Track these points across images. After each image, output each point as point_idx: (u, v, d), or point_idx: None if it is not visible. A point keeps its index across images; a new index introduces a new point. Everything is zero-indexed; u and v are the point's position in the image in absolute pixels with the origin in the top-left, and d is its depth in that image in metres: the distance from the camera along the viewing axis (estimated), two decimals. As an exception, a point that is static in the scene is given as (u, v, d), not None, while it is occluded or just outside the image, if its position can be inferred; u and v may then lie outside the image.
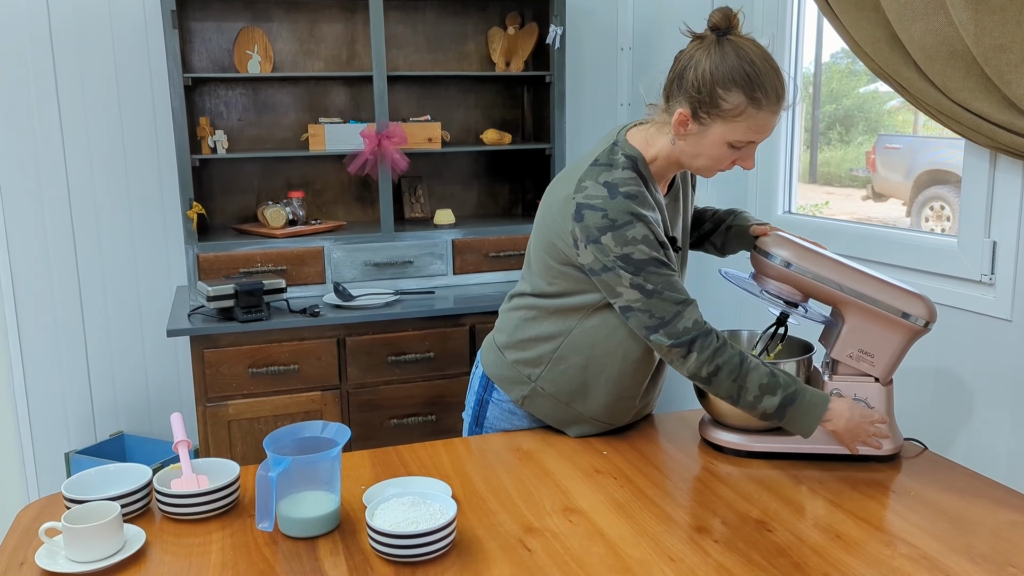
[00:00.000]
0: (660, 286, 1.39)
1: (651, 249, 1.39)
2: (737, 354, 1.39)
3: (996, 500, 1.33)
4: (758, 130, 1.36)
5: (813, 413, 1.40)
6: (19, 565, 1.19)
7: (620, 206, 1.38)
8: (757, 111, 1.33)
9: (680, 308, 1.40)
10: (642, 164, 1.45)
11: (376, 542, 1.16)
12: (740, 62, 1.33)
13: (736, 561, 1.16)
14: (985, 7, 1.53)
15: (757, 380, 1.38)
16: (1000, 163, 1.68)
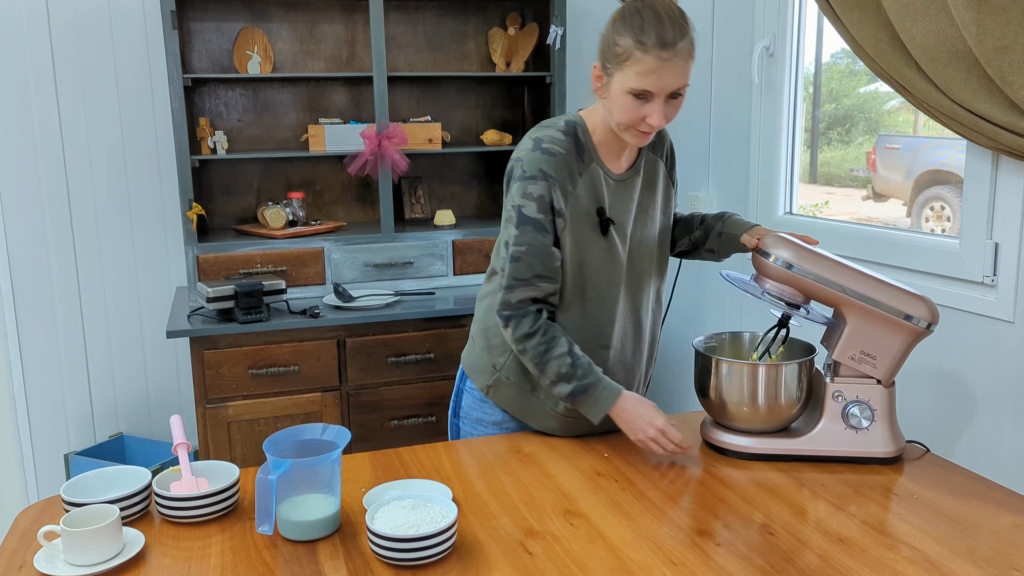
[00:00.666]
0: (524, 251, 1.46)
1: (540, 211, 1.45)
2: (545, 343, 1.47)
3: (998, 503, 1.33)
4: (647, 75, 1.36)
5: (600, 406, 1.48)
6: (18, 568, 1.18)
7: (534, 159, 1.45)
8: (643, 54, 1.35)
9: (519, 283, 1.47)
10: (582, 131, 1.50)
11: (376, 546, 1.16)
12: (634, 10, 1.38)
13: (739, 565, 1.15)
14: (987, 8, 1.53)
15: (555, 369, 1.47)
16: (1002, 164, 1.68)
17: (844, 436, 1.48)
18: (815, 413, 1.52)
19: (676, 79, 1.37)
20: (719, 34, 2.57)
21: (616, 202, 1.53)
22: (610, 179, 1.52)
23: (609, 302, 1.55)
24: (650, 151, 1.60)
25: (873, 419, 1.47)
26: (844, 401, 1.48)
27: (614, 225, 1.52)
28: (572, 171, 1.48)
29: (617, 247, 1.53)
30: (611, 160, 1.53)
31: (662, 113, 1.39)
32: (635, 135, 1.44)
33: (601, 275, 1.53)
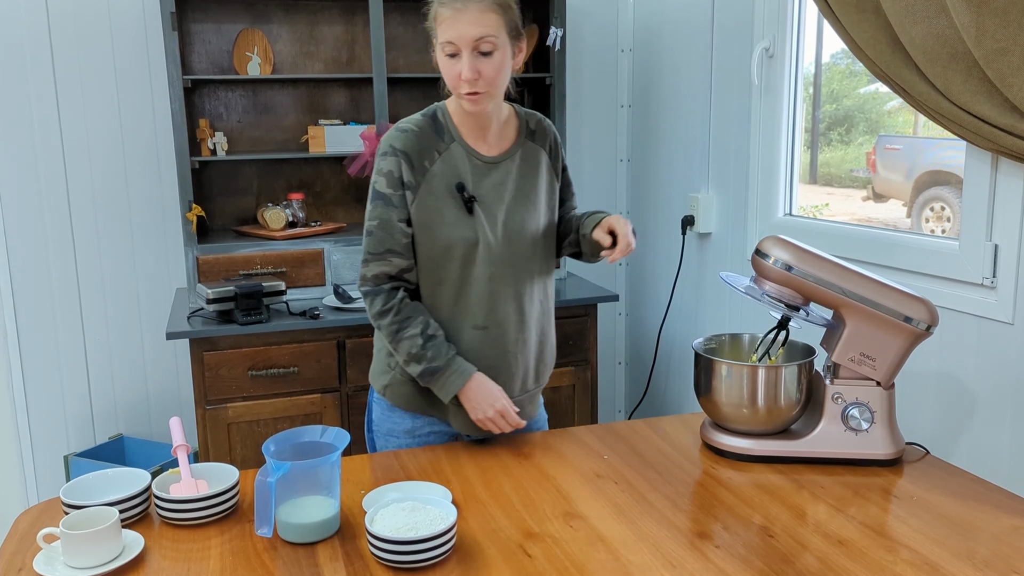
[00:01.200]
0: (376, 226, 1.53)
1: (389, 185, 1.52)
2: (398, 322, 1.52)
3: (998, 505, 1.33)
4: (447, 28, 1.44)
5: (448, 389, 1.53)
6: (17, 571, 1.18)
7: (388, 137, 1.54)
8: (441, 7, 1.45)
9: (372, 258, 1.53)
10: (443, 113, 1.56)
11: (376, 548, 1.16)
12: None
13: (738, 567, 1.15)
14: (987, 10, 1.53)
15: (407, 349, 1.53)
16: (1002, 166, 1.68)
17: (844, 438, 1.48)
18: (815, 415, 1.52)
19: (472, 28, 1.42)
20: (719, 35, 2.57)
21: (484, 182, 1.56)
22: (476, 159, 1.56)
23: (479, 281, 1.56)
24: (529, 139, 1.62)
25: (873, 421, 1.47)
26: (844, 403, 1.48)
27: (478, 203, 1.55)
28: (427, 147, 1.53)
29: (484, 226, 1.55)
30: (477, 141, 1.57)
31: (470, 66, 1.43)
32: (466, 100, 1.48)
33: (466, 252, 1.55)
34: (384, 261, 1.53)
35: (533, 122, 1.65)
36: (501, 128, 1.59)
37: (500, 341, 1.60)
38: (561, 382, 2.66)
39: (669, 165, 2.92)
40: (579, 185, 3.21)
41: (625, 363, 3.37)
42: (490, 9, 1.44)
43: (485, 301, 1.57)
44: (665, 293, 3.00)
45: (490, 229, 1.56)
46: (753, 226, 2.46)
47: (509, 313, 1.59)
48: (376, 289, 1.55)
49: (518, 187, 1.59)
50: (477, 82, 1.45)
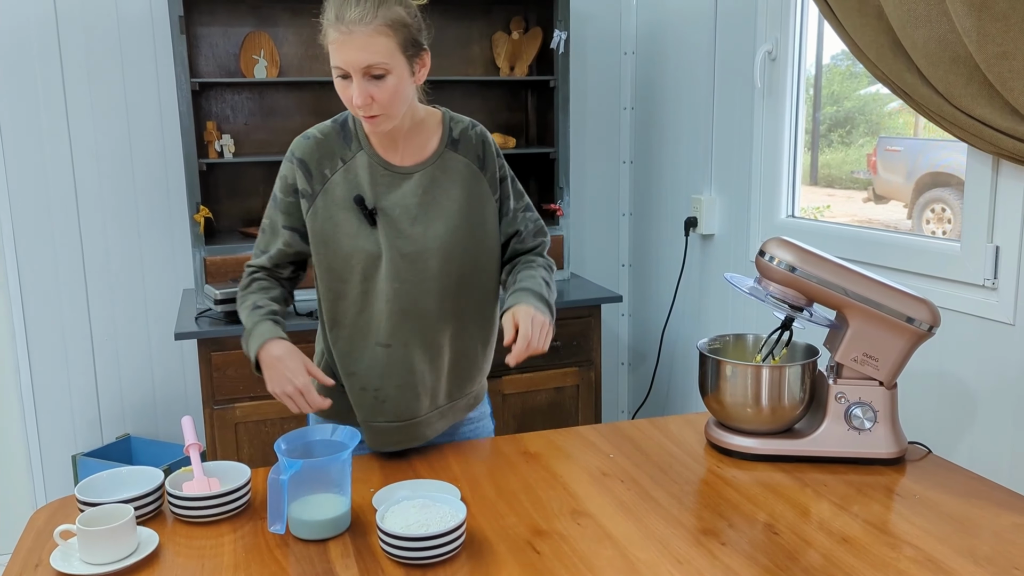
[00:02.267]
0: (265, 224, 1.56)
1: (280, 189, 1.53)
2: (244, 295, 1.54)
3: (999, 503, 1.34)
4: (336, 52, 1.36)
5: (249, 352, 1.48)
6: (34, 567, 1.20)
7: (292, 144, 1.53)
8: (329, 28, 1.36)
9: (256, 252, 1.58)
10: (355, 122, 1.52)
11: (387, 544, 1.18)
12: None
13: (743, 564, 1.17)
14: (988, 14, 1.55)
15: (243, 315, 1.52)
16: (1003, 168, 1.70)
17: (847, 437, 1.50)
18: (818, 414, 1.54)
19: (361, 54, 1.33)
20: (721, 38, 2.59)
21: (391, 194, 1.49)
22: (384, 169, 1.49)
23: (382, 297, 1.49)
24: (451, 149, 1.53)
25: (875, 420, 1.49)
26: (847, 402, 1.50)
27: (382, 216, 1.47)
28: (329, 155, 1.49)
29: (388, 240, 1.48)
30: (388, 151, 1.50)
31: (362, 91, 1.36)
32: (365, 122, 1.41)
33: (368, 267, 1.48)
34: (260, 255, 1.57)
35: (457, 131, 1.54)
36: (418, 137, 1.51)
37: (405, 359, 1.51)
38: (565, 382, 2.68)
39: (672, 167, 2.94)
40: (583, 187, 3.23)
41: (629, 364, 3.39)
42: (379, 32, 1.34)
43: (388, 318, 1.49)
44: (668, 294, 3.02)
45: (396, 243, 1.47)
46: (756, 228, 2.48)
47: (415, 332, 1.51)
48: (247, 270, 1.58)
49: (432, 199, 1.50)
50: (371, 106, 1.38)
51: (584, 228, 3.27)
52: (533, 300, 1.48)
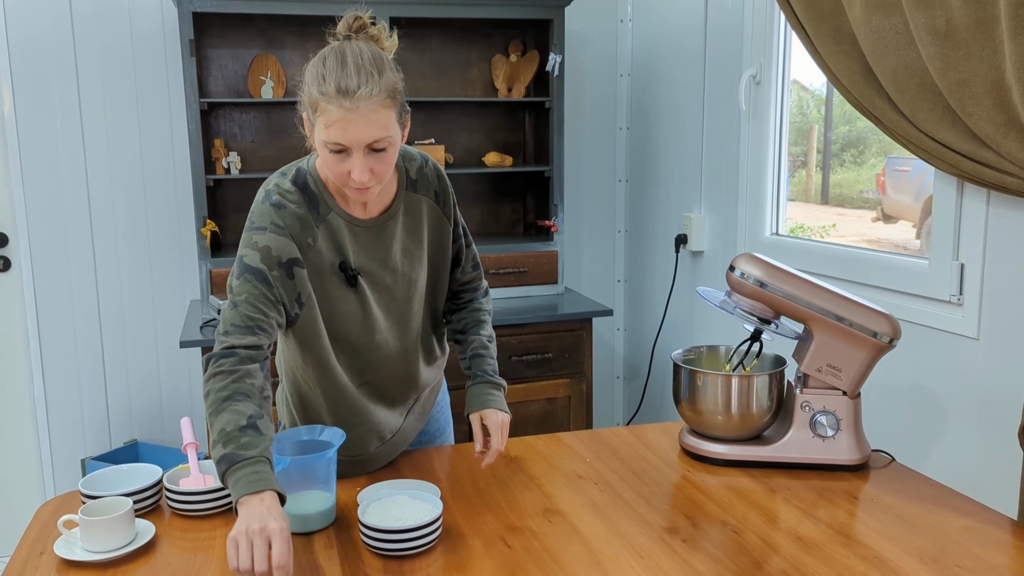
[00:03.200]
0: (240, 298, 1.34)
1: (262, 261, 1.34)
2: (223, 398, 1.26)
3: (952, 507, 1.41)
4: (330, 124, 1.26)
5: (239, 485, 1.19)
6: (39, 554, 1.29)
7: (259, 210, 1.38)
8: (326, 103, 1.26)
9: (230, 328, 1.33)
10: (314, 182, 1.41)
11: (367, 537, 1.26)
12: (323, 56, 1.30)
13: (700, 558, 1.24)
14: (951, 43, 1.63)
15: (220, 426, 1.24)
16: (967, 190, 1.77)
17: (812, 444, 1.57)
18: (785, 422, 1.61)
19: (366, 131, 1.26)
20: (710, 62, 2.68)
21: (368, 249, 1.44)
22: (356, 226, 1.43)
23: (370, 348, 1.49)
24: (411, 191, 1.49)
25: (839, 428, 1.56)
26: (812, 411, 1.57)
27: (363, 276, 1.44)
28: (307, 223, 1.39)
29: (369, 298, 1.45)
30: (353, 206, 1.43)
31: (364, 167, 1.28)
32: (352, 192, 1.34)
33: (355, 324, 1.46)
34: (251, 334, 1.33)
35: (414, 170, 1.50)
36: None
37: (380, 392, 1.54)
38: (557, 393, 2.76)
39: (665, 185, 3.03)
40: (580, 204, 3.32)
41: (624, 377, 3.46)
42: (382, 105, 1.27)
43: (371, 363, 1.51)
44: (660, 309, 3.10)
45: (374, 297, 1.47)
46: (742, 245, 2.56)
47: (395, 369, 1.54)
48: (218, 355, 1.31)
49: (403, 247, 1.48)
50: (370, 180, 1.31)
51: (580, 244, 3.35)
52: (496, 400, 1.56)
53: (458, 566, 1.23)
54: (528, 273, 2.94)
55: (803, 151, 2.62)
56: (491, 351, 1.65)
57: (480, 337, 1.64)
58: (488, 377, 1.61)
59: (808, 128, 2.59)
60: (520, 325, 2.69)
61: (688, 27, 2.79)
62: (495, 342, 1.68)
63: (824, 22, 1.94)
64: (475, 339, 1.64)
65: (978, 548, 1.27)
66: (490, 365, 1.63)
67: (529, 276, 2.94)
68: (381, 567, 1.23)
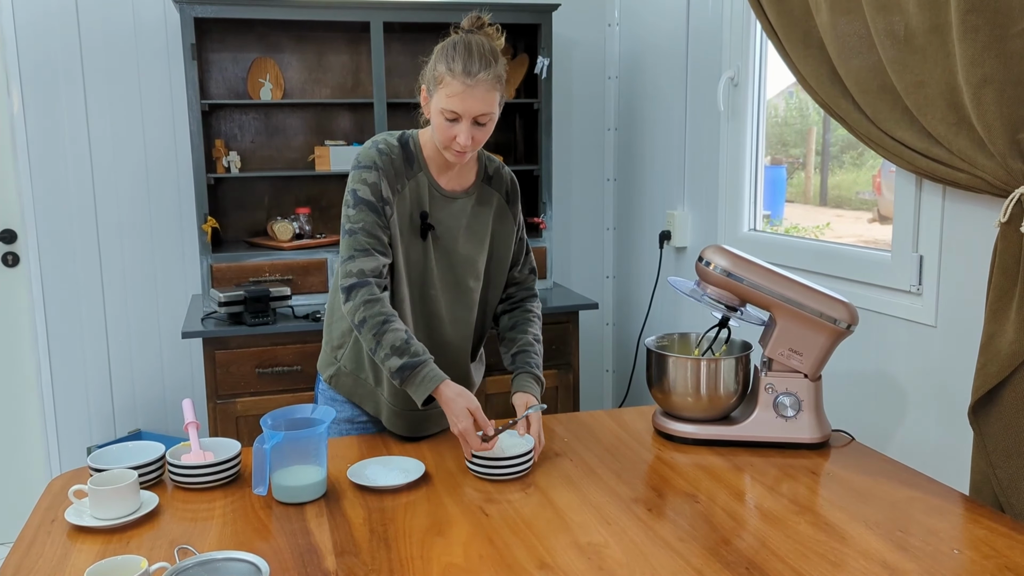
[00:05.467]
0: (358, 226, 1.60)
1: (372, 194, 1.61)
2: (383, 315, 1.56)
3: (902, 481, 1.51)
4: (452, 95, 1.52)
5: (423, 387, 1.54)
6: (51, 521, 1.39)
7: (367, 153, 1.64)
8: (451, 79, 1.52)
9: (359, 253, 1.60)
10: (414, 144, 1.68)
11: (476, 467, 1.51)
12: (452, 43, 1.56)
13: (662, 524, 1.34)
14: (908, 47, 1.73)
15: (391, 341, 1.55)
16: (924, 186, 1.87)
17: (775, 424, 1.67)
18: (751, 403, 1.71)
19: (478, 105, 1.53)
20: (692, 64, 2.78)
21: (441, 214, 1.68)
22: (436, 191, 1.68)
23: (424, 299, 1.69)
24: (486, 183, 1.74)
25: (800, 409, 1.66)
26: (775, 393, 1.67)
27: (433, 232, 1.67)
28: (400, 173, 1.65)
29: (431, 253, 1.68)
30: (440, 175, 1.68)
31: (468, 134, 1.55)
32: (451, 154, 1.60)
33: (414, 271, 1.68)
34: (370, 257, 1.60)
35: (492, 168, 1.76)
36: (463, 168, 1.72)
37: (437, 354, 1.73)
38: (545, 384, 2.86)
39: (651, 184, 3.13)
40: (569, 203, 3.42)
41: (612, 371, 3.56)
42: (494, 87, 1.54)
43: (424, 321, 1.71)
44: (646, 304, 3.20)
45: (440, 256, 1.69)
46: (722, 240, 2.66)
47: (440, 335, 1.73)
48: (362, 282, 1.59)
49: (470, 224, 1.71)
50: (469, 146, 1.57)
51: (570, 241, 3.46)
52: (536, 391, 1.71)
53: (438, 531, 1.34)
54: (518, 268, 3.04)
55: (802, 153, 2.72)
56: (537, 349, 1.79)
57: (527, 336, 1.80)
58: (531, 369, 1.75)
59: (807, 130, 2.69)
60: (509, 318, 2.79)
61: (672, 31, 2.89)
62: (542, 344, 1.82)
63: (795, 27, 2.05)
64: (523, 336, 1.80)
65: (921, 515, 1.37)
66: (535, 360, 1.77)
67: (519, 271, 3.04)
68: (368, 533, 1.33)
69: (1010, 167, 1.55)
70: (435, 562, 1.24)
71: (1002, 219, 1.56)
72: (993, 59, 1.52)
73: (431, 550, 1.27)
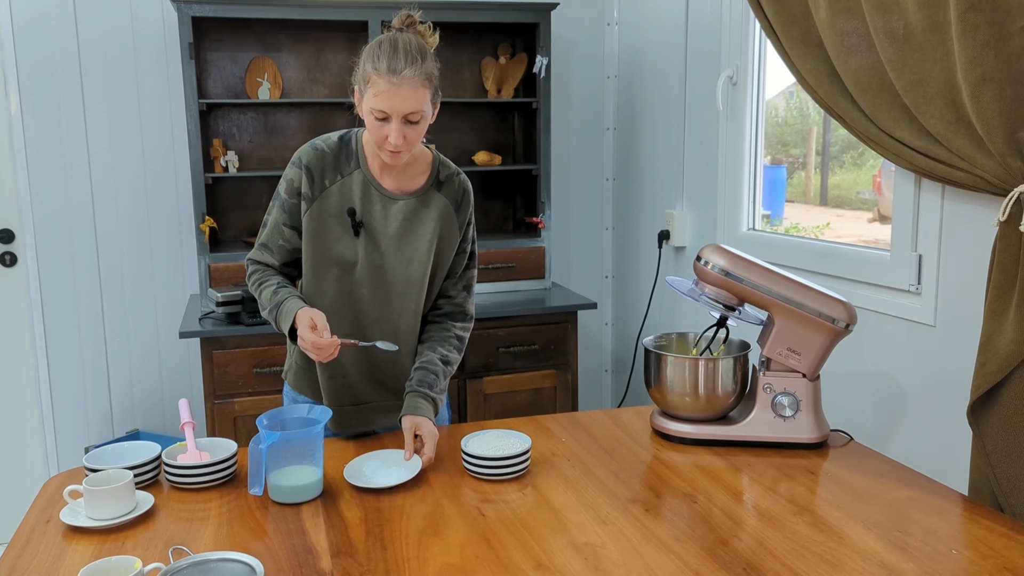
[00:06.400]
0: (268, 219, 1.72)
1: (286, 191, 1.68)
2: (258, 280, 1.71)
3: (901, 480, 1.50)
4: (380, 96, 1.53)
5: (286, 321, 1.61)
6: (46, 522, 1.39)
7: (301, 151, 1.69)
8: (377, 77, 1.53)
9: (258, 245, 1.73)
10: (356, 142, 1.69)
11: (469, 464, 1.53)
12: (379, 42, 1.56)
13: (659, 525, 1.34)
14: (907, 46, 1.73)
15: (265, 297, 1.68)
16: (924, 184, 1.87)
17: (773, 424, 1.66)
18: (749, 403, 1.70)
19: (406, 103, 1.53)
20: (691, 64, 2.78)
21: (375, 211, 1.67)
22: (374, 189, 1.67)
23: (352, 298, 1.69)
24: (435, 189, 1.71)
25: (799, 409, 1.65)
26: (773, 392, 1.66)
27: (365, 229, 1.67)
28: (331, 168, 1.66)
29: (365, 251, 1.67)
30: (382, 174, 1.68)
31: (400, 133, 1.55)
32: (385, 154, 1.60)
33: (344, 269, 1.68)
34: (263, 251, 1.72)
35: (444, 174, 1.73)
36: (410, 170, 1.69)
37: (350, 356, 1.72)
38: (544, 384, 2.85)
39: (650, 183, 3.12)
40: (568, 202, 3.42)
41: (612, 371, 3.56)
42: (422, 85, 1.54)
43: (352, 318, 1.70)
44: (645, 304, 3.19)
45: (371, 255, 1.68)
46: (721, 240, 2.65)
47: (369, 336, 1.71)
48: (250, 261, 1.75)
49: (409, 227, 1.68)
50: (402, 145, 1.56)
51: (569, 241, 3.45)
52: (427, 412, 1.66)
53: (435, 531, 1.33)
54: (516, 268, 3.03)
55: (802, 153, 2.71)
56: (439, 369, 1.72)
57: (434, 355, 1.74)
58: (422, 388, 1.69)
59: (807, 130, 2.69)
60: (508, 318, 2.79)
61: (671, 30, 2.89)
62: (452, 369, 1.76)
63: (794, 26, 2.04)
64: (428, 354, 1.74)
65: (919, 515, 1.36)
66: (433, 380, 1.70)
67: (517, 271, 3.04)
68: (364, 533, 1.33)
69: (1009, 166, 1.55)
70: (431, 563, 1.23)
71: (1001, 218, 1.55)
72: (992, 57, 1.51)
73: (427, 550, 1.27)
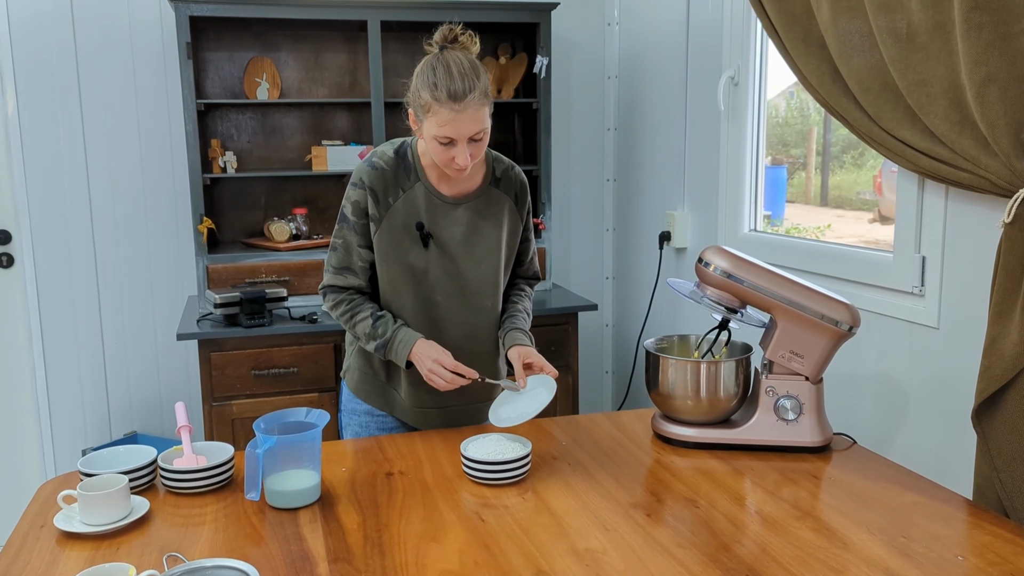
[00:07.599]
0: (338, 243, 1.72)
1: (353, 213, 1.69)
2: (349, 311, 1.72)
3: (905, 485, 1.49)
4: (443, 124, 1.54)
5: (400, 355, 1.68)
6: (40, 527, 1.37)
7: (358, 169, 1.70)
8: (439, 107, 1.53)
9: (333, 269, 1.73)
10: (412, 153, 1.70)
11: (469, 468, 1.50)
12: (430, 66, 1.56)
13: (661, 530, 1.32)
14: (911, 45, 1.71)
15: (362, 330, 1.71)
16: (927, 185, 1.85)
17: (776, 427, 1.65)
18: (751, 406, 1.68)
19: (471, 126, 1.55)
20: (692, 64, 2.76)
21: (443, 221, 1.70)
22: (436, 199, 1.69)
23: (429, 306, 1.72)
24: (494, 187, 1.74)
25: (801, 412, 1.64)
26: (776, 395, 1.65)
27: (434, 239, 1.69)
28: (393, 184, 1.68)
29: (434, 261, 1.70)
30: (440, 182, 1.70)
31: (466, 155, 1.57)
32: (452, 171, 1.61)
33: (419, 281, 1.70)
34: (339, 275, 1.72)
35: (500, 170, 1.76)
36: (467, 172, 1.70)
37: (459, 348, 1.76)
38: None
39: (650, 184, 3.11)
40: (569, 203, 3.40)
41: (612, 372, 3.54)
42: (482, 104, 1.55)
43: (432, 323, 1.74)
44: (646, 305, 3.17)
45: (442, 262, 1.71)
46: (722, 241, 2.63)
47: (449, 340, 1.75)
48: (330, 289, 1.75)
49: (475, 228, 1.72)
50: (469, 163, 1.58)
51: (570, 242, 3.43)
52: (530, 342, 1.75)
53: (433, 537, 1.31)
54: (516, 269, 3.02)
55: (803, 153, 2.70)
56: (526, 317, 1.82)
57: (515, 305, 1.84)
58: (521, 327, 1.78)
59: (808, 130, 2.67)
60: (508, 319, 2.77)
61: (672, 30, 2.87)
62: (531, 317, 1.85)
63: (796, 26, 2.02)
64: (510, 306, 1.84)
65: (924, 521, 1.34)
66: (523, 323, 1.80)
67: (517, 272, 3.02)
68: (362, 539, 1.31)
69: (1014, 167, 1.53)
70: (430, 569, 1.22)
71: (1006, 219, 1.54)
72: (997, 57, 1.50)
73: (426, 556, 1.25)
